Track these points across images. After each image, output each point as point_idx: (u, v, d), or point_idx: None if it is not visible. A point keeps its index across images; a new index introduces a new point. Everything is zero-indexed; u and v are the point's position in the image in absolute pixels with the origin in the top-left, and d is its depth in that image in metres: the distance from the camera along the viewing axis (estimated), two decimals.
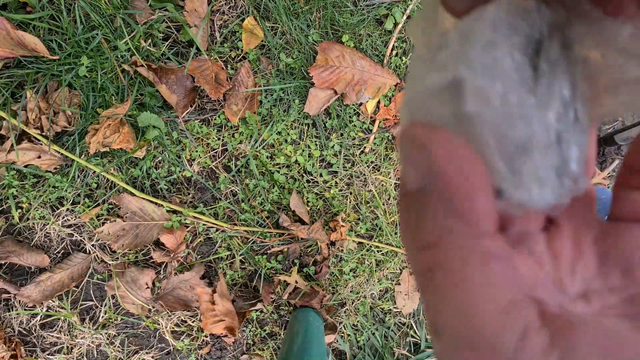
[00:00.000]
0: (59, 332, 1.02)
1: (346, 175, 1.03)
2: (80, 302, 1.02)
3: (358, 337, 1.11)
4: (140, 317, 1.02)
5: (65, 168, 0.95)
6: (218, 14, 0.96)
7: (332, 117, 1.00)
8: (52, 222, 0.96)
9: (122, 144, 0.90)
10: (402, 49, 1.01)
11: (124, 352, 1.04)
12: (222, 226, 1.00)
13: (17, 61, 0.88)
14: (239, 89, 0.97)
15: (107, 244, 0.99)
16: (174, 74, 0.93)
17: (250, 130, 0.98)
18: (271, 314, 1.07)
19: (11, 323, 1.00)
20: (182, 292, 1.00)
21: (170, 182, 0.99)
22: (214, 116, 0.98)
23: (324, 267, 1.04)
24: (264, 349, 1.08)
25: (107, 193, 0.97)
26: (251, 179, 1.00)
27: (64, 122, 0.91)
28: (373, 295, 1.10)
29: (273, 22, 0.97)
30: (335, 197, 1.03)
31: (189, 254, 1.01)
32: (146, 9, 0.91)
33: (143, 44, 0.91)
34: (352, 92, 0.97)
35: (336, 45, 0.96)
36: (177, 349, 1.05)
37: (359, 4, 0.99)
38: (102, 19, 0.88)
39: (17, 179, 0.93)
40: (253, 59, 0.97)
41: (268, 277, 1.05)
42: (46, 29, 0.88)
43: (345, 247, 1.04)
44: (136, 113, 0.91)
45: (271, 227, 1.02)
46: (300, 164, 1.00)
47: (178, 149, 0.97)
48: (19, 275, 0.99)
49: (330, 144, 1.01)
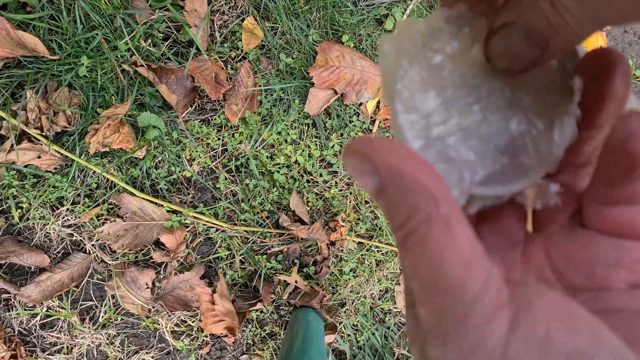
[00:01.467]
0: (58, 332, 1.02)
1: (346, 175, 1.03)
2: (80, 302, 1.02)
3: (358, 337, 1.11)
4: (140, 317, 1.02)
5: (65, 168, 0.95)
6: (218, 14, 0.96)
7: (332, 117, 1.00)
8: (52, 222, 0.96)
9: (122, 144, 0.90)
10: None
11: (124, 352, 1.04)
12: (222, 226, 1.00)
13: (17, 61, 0.88)
14: (238, 89, 0.97)
15: (107, 244, 0.99)
16: (173, 74, 0.93)
17: (250, 130, 0.98)
18: (271, 314, 1.07)
19: (11, 323, 1.00)
20: (182, 292, 1.00)
21: (170, 182, 0.99)
22: (214, 116, 0.98)
23: (324, 267, 1.04)
24: (264, 349, 1.08)
25: (107, 193, 0.97)
26: (251, 179, 1.00)
27: (64, 122, 0.91)
28: (373, 295, 1.10)
29: (273, 22, 0.97)
30: (335, 197, 1.03)
31: (189, 254, 1.01)
32: (146, 9, 0.91)
33: (143, 44, 0.91)
34: (352, 92, 0.97)
35: (336, 45, 0.96)
36: (177, 349, 1.05)
37: (359, 4, 0.98)
38: (102, 19, 0.88)
39: (17, 179, 0.93)
40: (253, 59, 0.97)
41: (268, 277, 1.05)
42: (46, 29, 0.88)
43: (345, 247, 1.04)
44: (136, 113, 0.91)
45: (271, 227, 1.02)
46: (300, 164, 1.00)
47: (178, 149, 0.97)
48: (19, 275, 0.99)
49: (330, 144, 1.01)
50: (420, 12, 1.00)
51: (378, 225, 1.06)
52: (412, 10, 0.99)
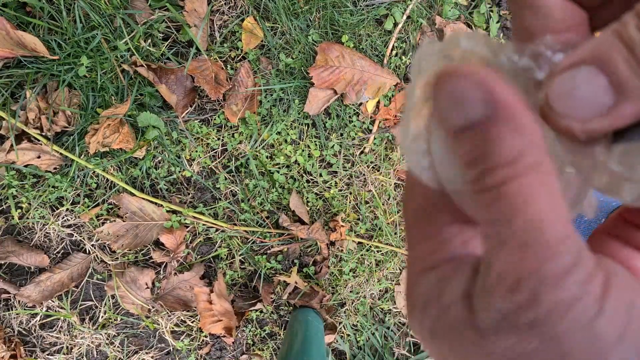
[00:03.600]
0: (58, 332, 1.02)
1: (346, 176, 1.03)
2: (79, 302, 1.02)
3: (358, 337, 1.11)
4: (140, 317, 1.02)
5: (65, 168, 0.95)
6: (218, 14, 0.96)
7: (332, 117, 1.00)
8: (51, 222, 0.96)
9: (122, 144, 0.90)
10: (402, 49, 1.01)
11: (124, 352, 1.04)
12: (221, 226, 1.00)
13: (17, 61, 0.88)
14: (238, 89, 0.97)
15: (107, 244, 0.99)
16: (173, 74, 0.93)
17: (250, 130, 0.98)
18: (271, 314, 1.07)
19: (11, 323, 1.00)
20: (182, 292, 1.00)
21: (170, 182, 0.99)
22: (214, 116, 0.98)
23: (323, 267, 1.04)
24: (263, 349, 1.08)
25: (107, 193, 0.96)
26: (251, 179, 1.00)
27: (63, 122, 0.91)
28: (373, 295, 1.10)
29: (273, 22, 0.97)
30: (335, 197, 1.03)
31: (189, 254, 1.01)
32: (146, 9, 0.91)
33: (143, 44, 0.91)
34: (352, 92, 0.97)
35: (336, 45, 0.96)
36: (177, 349, 1.05)
37: (359, 4, 0.98)
38: (102, 19, 0.88)
39: (17, 179, 0.93)
40: (253, 59, 0.97)
41: (268, 277, 1.05)
42: (46, 29, 0.88)
43: (345, 247, 1.04)
44: (136, 113, 0.91)
45: (271, 227, 1.02)
46: (300, 164, 1.00)
47: (178, 149, 0.97)
48: (19, 275, 0.99)
49: (330, 144, 1.01)
50: (420, 11, 1.00)
51: (378, 225, 1.06)
52: (412, 10, 0.99)
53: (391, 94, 1.01)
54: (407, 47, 1.01)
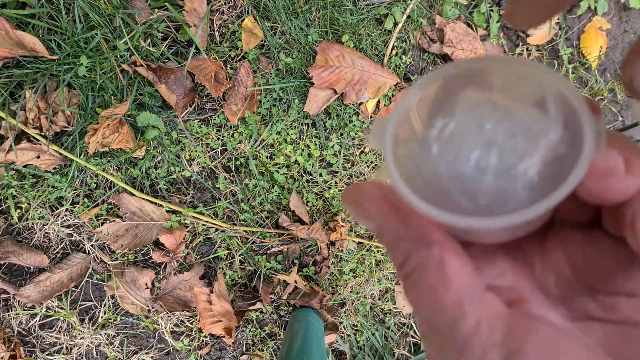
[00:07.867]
0: (58, 333, 1.02)
1: (346, 175, 1.02)
2: (79, 302, 1.01)
3: (358, 337, 1.11)
4: (139, 317, 1.02)
5: (65, 168, 0.94)
6: (217, 14, 0.96)
7: (332, 116, 1.00)
8: (51, 222, 0.96)
9: (122, 143, 0.90)
10: (402, 48, 1.01)
11: (124, 352, 1.04)
12: (221, 226, 1.00)
13: (16, 61, 0.88)
14: (238, 89, 0.96)
15: (107, 244, 0.99)
16: (173, 74, 0.93)
17: (249, 130, 0.98)
18: (271, 314, 1.07)
19: (10, 323, 1.00)
20: (182, 293, 1.00)
21: (169, 182, 0.99)
22: (214, 116, 0.98)
23: (323, 267, 1.04)
24: (263, 349, 1.08)
25: (107, 193, 0.96)
26: (251, 178, 1.00)
27: (63, 122, 0.91)
28: (373, 296, 1.10)
29: (272, 21, 0.97)
30: (335, 197, 1.03)
31: (189, 254, 1.01)
32: (145, 8, 0.90)
33: (142, 44, 0.91)
34: (352, 91, 0.97)
35: (336, 45, 0.96)
36: (177, 349, 1.05)
37: (359, 4, 0.98)
38: (102, 19, 0.88)
39: (16, 179, 0.92)
40: (252, 59, 0.97)
41: (267, 277, 1.04)
42: (45, 29, 0.88)
43: (345, 247, 1.04)
44: (135, 113, 0.91)
45: (271, 227, 1.02)
46: (300, 163, 1.00)
47: (177, 149, 0.97)
48: (18, 276, 0.99)
49: (330, 143, 1.00)
50: (420, 11, 1.00)
51: None
52: (412, 10, 0.99)
53: (391, 94, 1.01)
54: (407, 47, 1.01)
